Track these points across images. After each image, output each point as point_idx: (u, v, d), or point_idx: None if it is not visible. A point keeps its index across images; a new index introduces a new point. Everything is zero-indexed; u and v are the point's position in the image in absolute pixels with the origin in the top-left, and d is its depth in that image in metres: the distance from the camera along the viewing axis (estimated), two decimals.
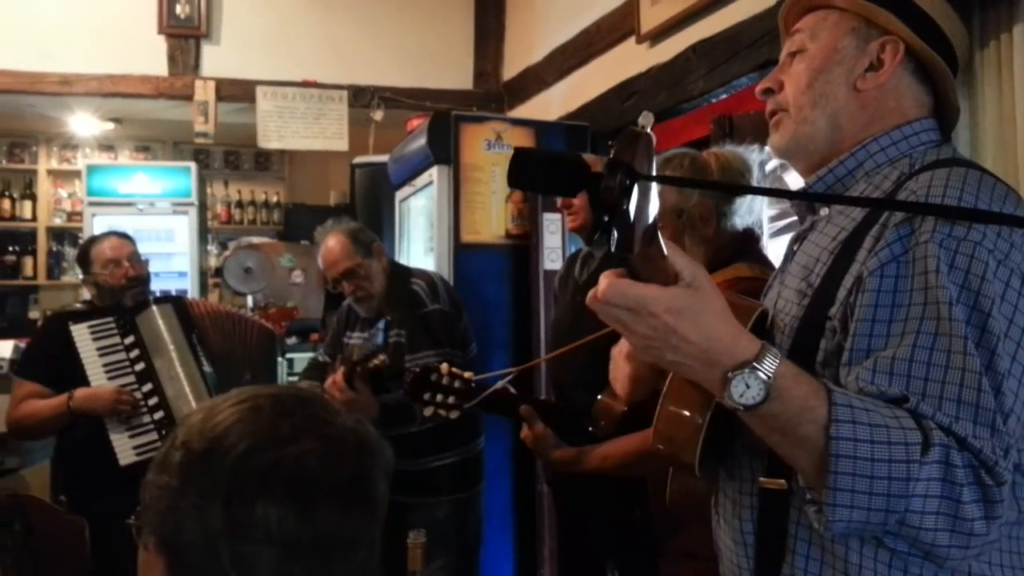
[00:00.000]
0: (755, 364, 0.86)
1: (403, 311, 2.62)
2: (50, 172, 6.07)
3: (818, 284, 1.02)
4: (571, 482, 2.72)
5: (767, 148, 1.51)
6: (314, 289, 5.19)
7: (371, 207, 4.41)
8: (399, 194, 4.04)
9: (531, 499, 3.32)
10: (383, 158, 4.23)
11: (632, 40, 3.26)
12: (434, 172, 3.46)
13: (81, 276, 2.83)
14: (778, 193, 1.18)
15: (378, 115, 4.62)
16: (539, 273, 3.39)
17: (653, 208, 0.79)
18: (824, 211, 1.11)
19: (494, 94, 4.76)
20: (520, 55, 4.53)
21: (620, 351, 1.19)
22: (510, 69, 4.70)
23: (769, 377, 0.85)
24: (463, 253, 3.40)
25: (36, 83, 4.29)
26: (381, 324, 2.54)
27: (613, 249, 0.77)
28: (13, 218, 5.95)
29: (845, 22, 1.10)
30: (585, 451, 1.88)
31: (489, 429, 2.92)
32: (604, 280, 0.85)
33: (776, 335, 1.05)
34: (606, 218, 0.76)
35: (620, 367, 1.19)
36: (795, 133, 1.11)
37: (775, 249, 2.01)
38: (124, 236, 2.82)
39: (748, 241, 1.71)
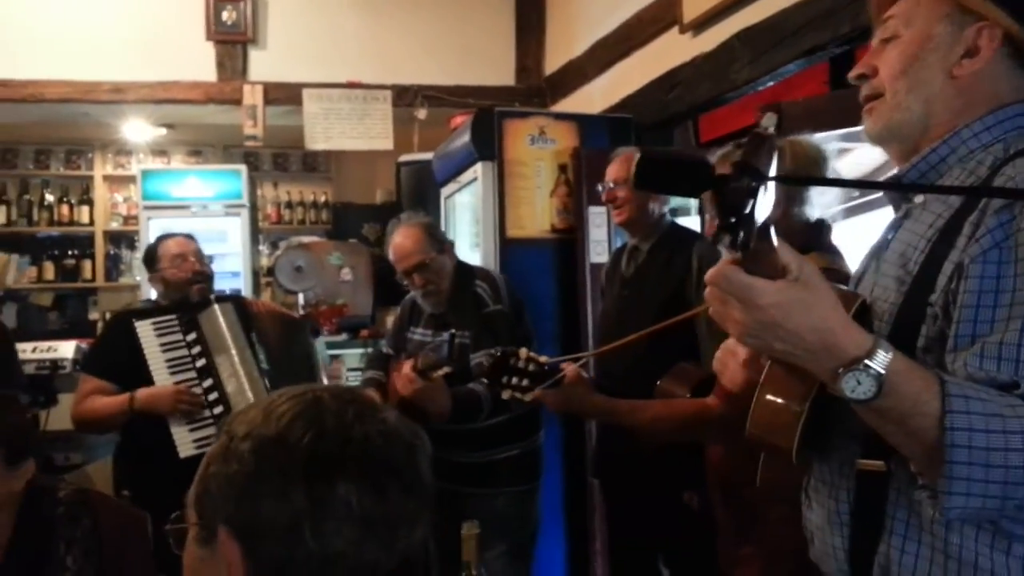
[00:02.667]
0: (867, 360, 0.87)
1: (466, 312, 2.64)
2: (106, 178, 6.24)
3: (917, 271, 1.02)
4: (618, 473, 2.73)
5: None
6: (363, 286, 5.26)
7: (417, 204, 4.45)
8: (444, 191, 4.07)
9: (582, 493, 3.33)
10: (428, 156, 4.26)
11: (675, 30, 3.24)
12: (479, 168, 3.48)
13: (148, 275, 2.90)
14: (878, 185, 1.19)
15: (422, 114, 4.66)
16: (585, 267, 3.39)
17: (768, 205, 0.82)
18: (919, 199, 1.11)
19: (536, 89, 4.76)
20: (561, 49, 4.53)
21: (735, 346, 1.21)
22: (551, 64, 4.70)
23: (881, 373, 0.87)
24: (509, 248, 3.42)
25: (90, 92, 4.42)
26: (446, 336, 2.57)
27: (737, 248, 0.81)
28: (72, 223, 6.14)
29: (938, 8, 1.09)
30: (630, 404, 1.87)
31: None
32: (717, 266, 0.88)
33: (875, 323, 1.06)
34: (732, 219, 0.80)
35: (732, 367, 1.20)
36: (890, 119, 1.11)
37: (846, 230, 1.99)
38: (188, 236, 2.91)
39: (819, 231, 1.72)
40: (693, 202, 3.66)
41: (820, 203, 1.70)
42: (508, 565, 2.61)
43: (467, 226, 3.94)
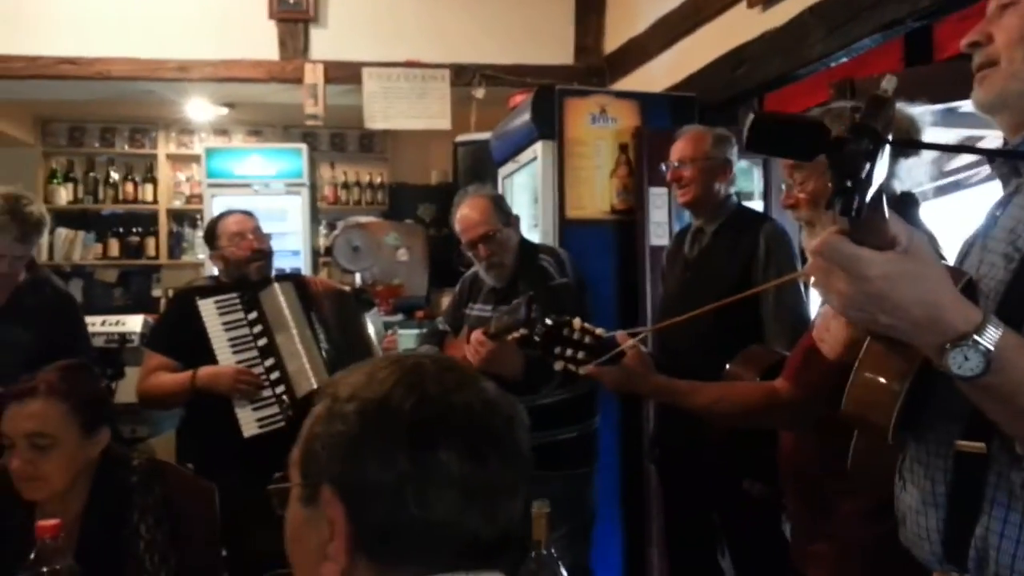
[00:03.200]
0: (976, 336, 0.85)
1: (533, 284, 2.62)
2: (169, 156, 6.36)
3: None
4: (676, 459, 2.69)
5: None
6: (418, 267, 5.29)
7: (475, 184, 4.44)
8: (502, 171, 4.04)
9: (639, 478, 3.30)
10: (485, 136, 4.24)
11: (743, 5, 3.16)
12: (538, 148, 3.44)
13: (209, 253, 2.93)
14: (995, 153, 1.15)
15: (480, 93, 4.63)
16: (645, 248, 3.34)
17: (882, 173, 0.80)
18: None
19: (595, 68, 4.70)
20: (622, 27, 4.45)
21: (835, 313, 1.19)
22: (611, 42, 4.63)
23: (990, 350, 0.84)
24: (568, 229, 3.38)
25: (156, 69, 4.49)
26: (523, 299, 2.54)
27: (851, 213, 0.78)
28: (136, 201, 6.27)
29: None
30: (690, 385, 1.80)
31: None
32: (823, 235, 0.85)
33: (981, 301, 1.03)
34: (848, 183, 0.77)
35: (835, 328, 1.18)
36: (1004, 89, 1.06)
37: (935, 208, 1.90)
38: (247, 213, 2.91)
39: (904, 205, 1.64)
40: (757, 186, 3.59)
41: (910, 179, 1.63)
42: (567, 548, 2.60)
43: (525, 207, 3.91)
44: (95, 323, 3.62)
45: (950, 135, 2.81)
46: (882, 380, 1.02)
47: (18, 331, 2.65)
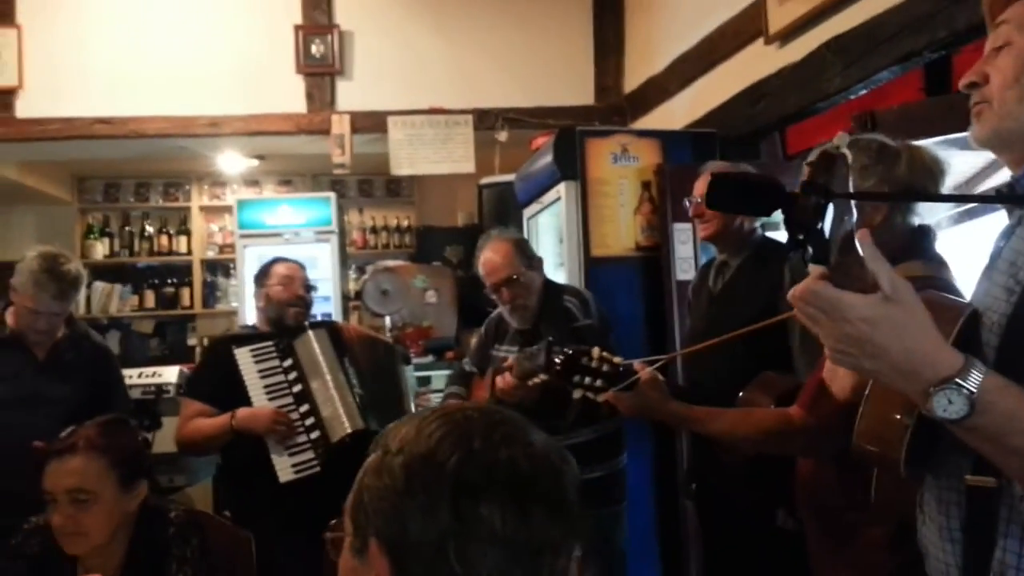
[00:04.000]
0: (958, 380, 0.87)
1: (557, 326, 2.64)
2: (202, 208, 6.51)
3: None
4: (713, 495, 2.66)
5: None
6: (447, 308, 5.32)
7: (499, 226, 4.48)
8: (527, 212, 4.09)
9: (675, 516, 3.26)
10: (509, 177, 4.29)
11: (760, 42, 3.19)
12: (561, 188, 3.48)
13: (255, 290, 2.99)
14: (965, 198, 1.18)
15: (503, 136, 4.70)
16: (671, 284, 3.34)
17: (852, 219, 0.85)
18: None
19: (616, 108, 4.75)
20: (641, 67, 4.51)
21: None
22: (631, 81, 4.68)
23: (973, 392, 0.86)
24: (594, 267, 3.40)
25: (188, 126, 4.62)
26: (543, 345, 2.55)
27: (808, 264, 0.83)
28: (170, 253, 6.41)
29: None
30: (707, 411, 1.81)
31: (631, 447, 2.90)
32: (805, 281, 0.88)
33: (984, 333, 1.04)
34: (800, 236, 0.83)
35: (842, 371, 1.20)
36: (997, 127, 1.08)
37: (951, 239, 1.90)
38: (300, 264, 3.00)
39: (921, 237, 1.64)
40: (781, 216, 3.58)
41: (930, 215, 1.63)
42: None
43: (550, 247, 3.94)
44: (132, 375, 3.68)
45: (977, 159, 2.80)
46: (893, 415, 1.03)
47: (58, 386, 2.72)
